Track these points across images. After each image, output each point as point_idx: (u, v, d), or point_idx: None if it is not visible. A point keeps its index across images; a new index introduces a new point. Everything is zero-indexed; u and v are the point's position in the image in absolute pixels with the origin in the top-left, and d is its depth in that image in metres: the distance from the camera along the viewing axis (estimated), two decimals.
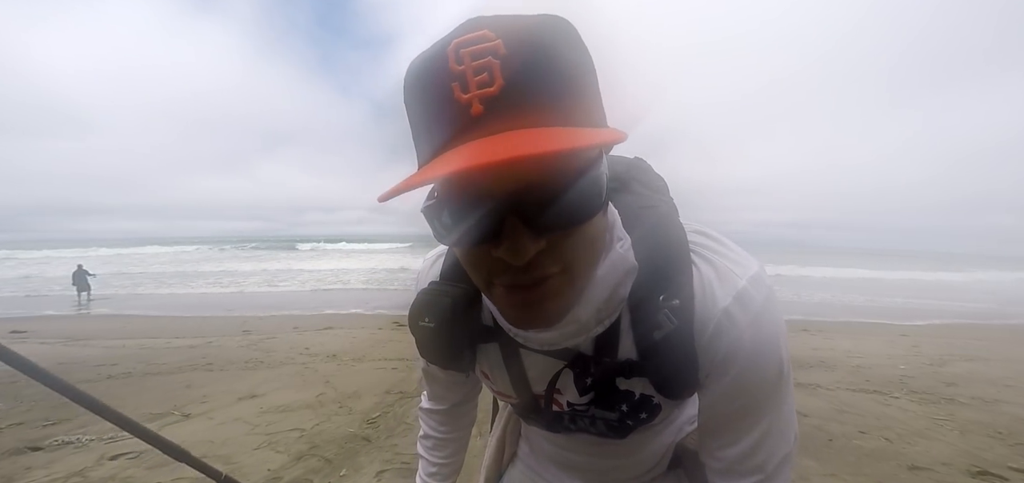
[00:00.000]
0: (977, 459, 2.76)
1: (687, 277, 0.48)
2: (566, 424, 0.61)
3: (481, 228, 0.37)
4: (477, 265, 0.41)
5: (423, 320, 0.57)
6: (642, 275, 0.49)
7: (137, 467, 2.59)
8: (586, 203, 0.37)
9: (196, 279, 17.40)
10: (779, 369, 0.47)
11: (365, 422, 3.28)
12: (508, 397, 0.63)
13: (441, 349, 0.58)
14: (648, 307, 0.48)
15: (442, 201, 0.39)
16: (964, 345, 6.42)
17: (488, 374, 0.62)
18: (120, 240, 75.98)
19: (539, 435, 0.75)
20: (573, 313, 0.46)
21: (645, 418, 0.55)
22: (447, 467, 0.83)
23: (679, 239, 0.50)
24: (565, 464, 0.73)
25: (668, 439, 0.70)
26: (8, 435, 3.01)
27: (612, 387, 0.53)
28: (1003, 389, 4.19)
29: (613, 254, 0.48)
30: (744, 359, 0.46)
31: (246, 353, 5.39)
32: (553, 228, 0.37)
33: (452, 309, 0.54)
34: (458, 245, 0.41)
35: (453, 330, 0.55)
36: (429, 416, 0.82)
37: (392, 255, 30.74)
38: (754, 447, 0.50)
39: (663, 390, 0.52)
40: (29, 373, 0.72)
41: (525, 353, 0.56)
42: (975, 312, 11.15)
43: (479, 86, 0.33)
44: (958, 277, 22.70)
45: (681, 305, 0.47)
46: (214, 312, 9.68)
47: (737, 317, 0.46)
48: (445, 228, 0.40)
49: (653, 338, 0.48)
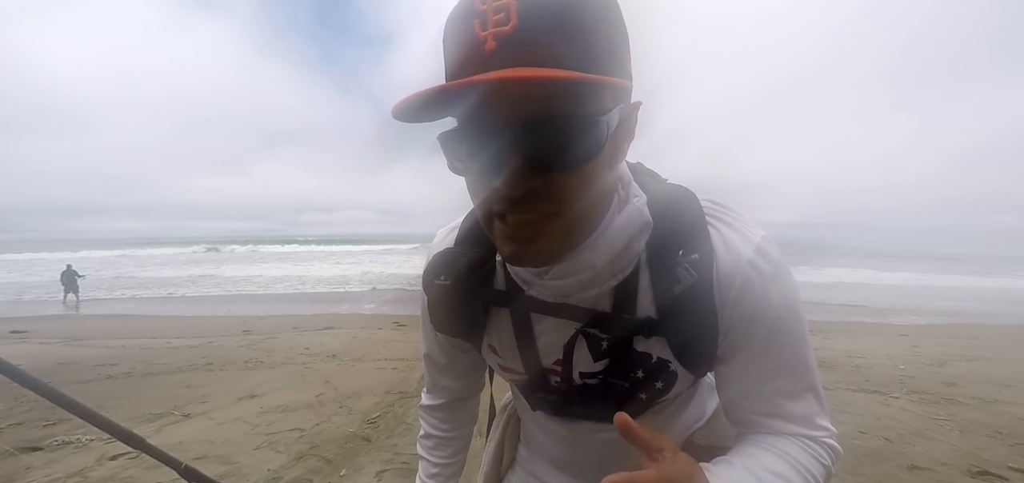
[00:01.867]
0: (977, 459, 2.76)
1: (704, 235, 0.49)
2: (574, 403, 0.59)
3: (484, 159, 0.40)
4: (480, 196, 0.43)
5: (438, 278, 0.57)
6: (658, 231, 0.49)
7: (137, 467, 2.59)
8: (584, 146, 0.39)
9: (196, 279, 17.40)
10: (802, 311, 0.50)
11: (365, 422, 3.28)
12: (515, 372, 0.61)
13: (454, 308, 0.58)
14: (667, 262, 0.49)
15: (455, 131, 0.42)
16: (964, 345, 6.42)
17: (496, 348, 0.60)
18: (120, 240, 75.97)
19: (539, 436, 0.72)
20: (587, 259, 0.47)
21: (660, 389, 0.54)
22: (449, 467, 0.80)
23: (693, 202, 0.52)
24: (566, 468, 0.70)
25: (676, 435, 0.66)
26: (8, 435, 3.01)
27: (629, 348, 0.52)
28: (1003, 389, 4.19)
29: (629, 207, 0.49)
30: (777, 309, 0.48)
31: (246, 353, 5.39)
32: (550, 166, 0.39)
33: (468, 268, 0.56)
34: (464, 174, 0.45)
35: (468, 288, 0.56)
36: (430, 413, 0.80)
37: (387, 256, 30.73)
38: (802, 408, 0.51)
39: (681, 353, 0.51)
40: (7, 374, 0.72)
41: (537, 320, 0.55)
42: (975, 312, 11.15)
43: (496, 24, 0.35)
44: (959, 278, 22.69)
45: (700, 259, 0.48)
46: (214, 312, 9.69)
47: (762, 267, 0.48)
48: (455, 156, 0.43)
49: (673, 293, 0.48)
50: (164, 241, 67.17)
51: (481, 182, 0.42)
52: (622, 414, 0.43)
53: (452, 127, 0.42)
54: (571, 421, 0.64)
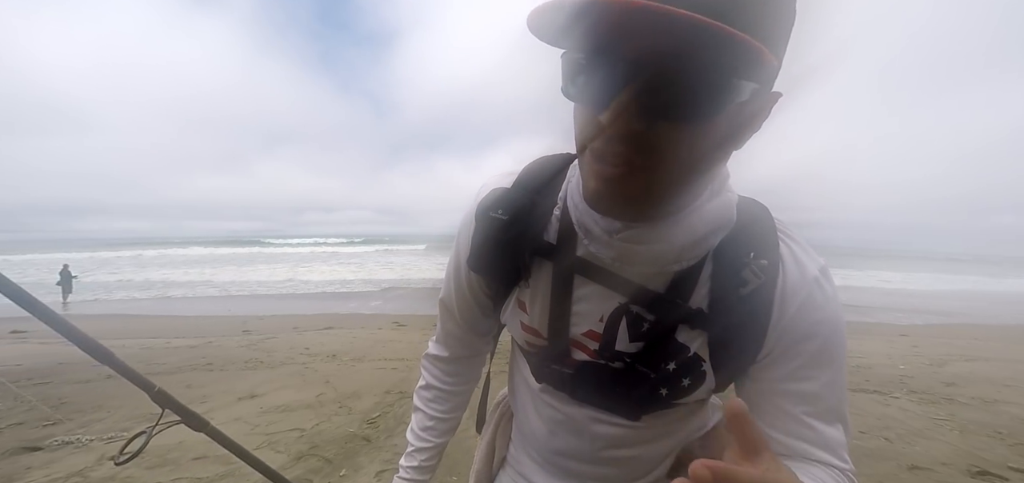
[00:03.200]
0: (977, 459, 2.75)
1: (775, 245, 0.49)
2: (587, 384, 0.57)
3: (599, 87, 0.37)
4: (584, 124, 0.42)
5: (495, 212, 0.56)
6: (736, 230, 0.49)
7: (137, 467, 2.59)
8: (703, 103, 0.36)
9: (195, 279, 17.39)
10: (845, 351, 0.51)
11: (365, 422, 3.28)
12: (537, 337, 0.59)
13: (504, 246, 0.57)
14: (735, 261, 0.49)
15: (577, 52, 0.39)
16: (964, 345, 6.42)
17: (527, 304, 0.58)
18: (119, 240, 75.93)
19: (535, 421, 0.68)
20: (668, 233, 0.46)
21: (686, 387, 0.53)
22: (444, 422, 0.77)
23: (768, 214, 0.52)
24: (554, 462, 0.67)
25: (673, 445, 0.65)
26: (8, 435, 3.01)
27: (670, 336, 0.51)
28: (1003, 389, 4.19)
29: (722, 198, 0.48)
30: (831, 329, 0.49)
31: (246, 353, 5.39)
32: (659, 113, 0.36)
33: (530, 209, 0.55)
34: (577, 99, 0.42)
35: (524, 229, 0.55)
36: (434, 363, 0.77)
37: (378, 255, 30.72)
38: (828, 438, 0.51)
39: (717, 353, 0.51)
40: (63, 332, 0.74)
41: (579, 283, 0.54)
42: (975, 312, 11.15)
43: None
44: (960, 277, 22.68)
45: (769, 266, 0.48)
46: (214, 312, 9.68)
47: (825, 287, 0.49)
48: (572, 79, 0.41)
49: (734, 292, 0.48)
50: (163, 241, 67.16)
51: (588, 112, 0.40)
52: (737, 401, 0.36)
53: (574, 50, 0.40)
54: (572, 404, 0.61)
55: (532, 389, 0.66)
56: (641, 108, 0.36)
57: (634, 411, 0.58)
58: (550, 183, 0.56)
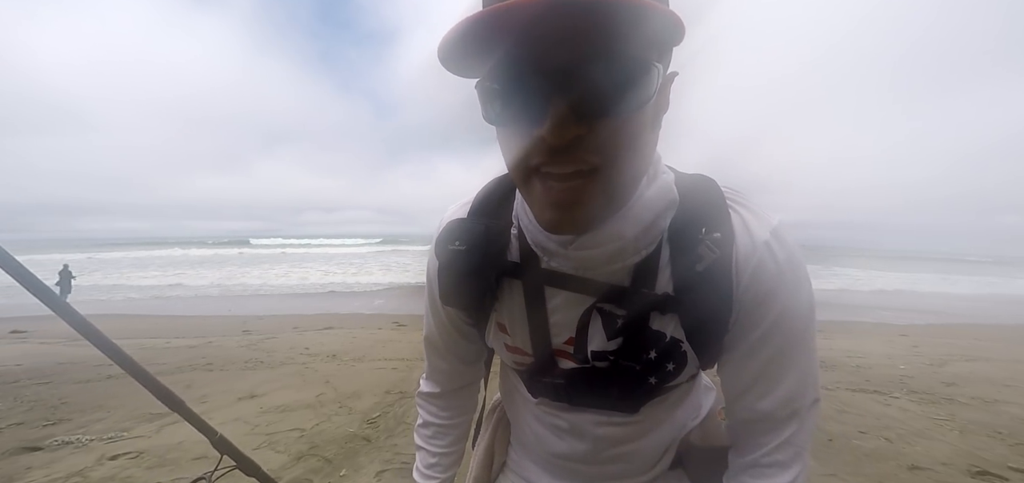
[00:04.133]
0: (977, 459, 2.75)
1: (726, 215, 0.50)
2: (580, 388, 0.58)
3: (527, 105, 0.37)
4: (520, 148, 0.41)
5: (453, 244, 0.56)
6: (683, 209, 0.50)
7: (137, 467, 2.59)
8: (633, 91, 0.37)
9: (195, 279, 17.39)
10: (812, 303, 0.50)
11: (365, 422, 3.28)
12: (523, 354, 0.59)
13: (467, 277, 0.56)
14: (689, 240, 0.49)
15: (494, 77, 0.39)
16: (964, 345, 6.42)
17: (506, 325, 0.59)
18: (119, 240, 75.92)
19: (536, 430, 0.68)
20: (617, 229, 0.46)
21: (671, 371, 0.53)
22: (448, 456, 0.77)
23: (715, 186, 0.52)
24: (559, 467, 0.68)
25: (672, 432, 0.66)
26: (8, 435, 3.00)
27: (644, 326, 0.51)
28: (1003, 389, 4.18)
29: (659, 181, 0.49)
30: (786, 295, 0.48)
31: (246, 353, 5.39)
32: (597, 112, 0.37)
33: (485, 235, 0.55)
34: (499, 123, 0.42)
35: (484, 255, 0.55)
36: (428, 401, 0.77)
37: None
38: (791, 392, 0.51)
39: (693, 332, 0.51)
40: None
41: (550, 294, 0.54)
42: (975, 312, 11.15)
43: None
44: (962, 277, 22.67)
45: (722, 238, 0.48)
46: (214, 312, 9.68)
47: (776, 250, 0.48)
48: (491, 102, 0.41)
49: (694, 270, 0.49)
50: (162, 241, 67.16)
51: (519, 131, 0.40)
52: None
53: (490, 76, 0.40)
54: (571, 411, 0.62)
55: (529, 402, 0.67)
56: (580, 111, 0.36)
57: (631, 405, 0.59)
58: (503, 204, 0.57)
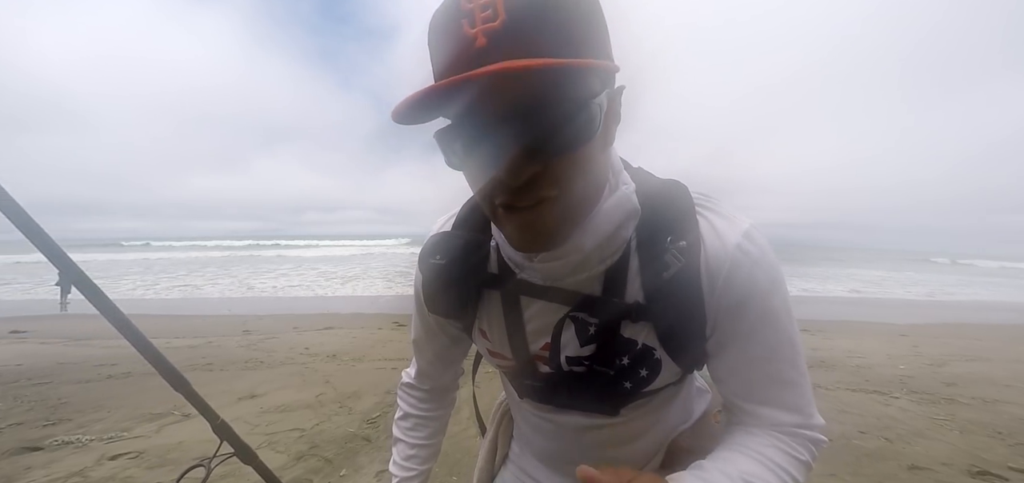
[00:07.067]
0: (977, 459, 2.76)
1: (693, 222, 0.50)
2: (560, 392, 0.60)
3: (484, 151, 0.41)
4: (482, 188, 0.44)
5: (434, 257, 0.59)
6: (648, 218, 0.51)
7: (137, 467, 2.59)
8: (579, 130, 0.40)
9: (195, 279, 17.39)
10: (789, 304, 0.51)
11: (365, 422, 3.28)
12: (504, 358, 0.62)
13: (449, 287, 0.59)
14: (655, 248, 0.50)
15: (451, 127, 0.43)
16: (964, 345, 6.41)
17: (487, 332, 0.62)
18: (118, 240, 75.87)
19: (527, 429, 0.73)
20: (577, 241, 0.48)
21: (644, 377, 0.54)
22: (426, 448, 0.80)
23: (683, 192, 0.53)
24: (551, 461, 0.71)
25: (660, 436, 0.67)
26: (8, 435, 3.01)
27: (615, 334, 0.53)
28: (1003, 389, 4.19)
29: (618, 193, 0.50)
30: (763, 297, 0.49)
31: (246, 353, 5.39)
32: (547, 152, 0.40)
33: (464, 248, 0.57)
34: (462, 168, 0.46)
35: (464, 268, 0.57)
36: (410, 392, 0.80)
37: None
38: (793, 396, 0.52)
39: (666, 340, 0.52)
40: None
41: (526, 303, 0.56)
42: (975, 312, 11.15)
43: (484, 21, 0.36)
44: (961, 279, 22.66)
45: (688, 246, 0.49)
46: (214, 312, 9.69)
47: (749, 251, 0.49)
48: (452, 151, 0.44)
49: (662, 278, 0.49)
50: (162, 241, 67.09)
51: (481, 174, 0.43)
52: (584, 468, 0.43)
53: (447, 124, 0.43)
54: (556, 412, 0.65)
55: (519, 402, 0.70)
56: (532, 153, 0.40)
57: (609, 408, 0.60)
58: (484, 218, 0.59)
